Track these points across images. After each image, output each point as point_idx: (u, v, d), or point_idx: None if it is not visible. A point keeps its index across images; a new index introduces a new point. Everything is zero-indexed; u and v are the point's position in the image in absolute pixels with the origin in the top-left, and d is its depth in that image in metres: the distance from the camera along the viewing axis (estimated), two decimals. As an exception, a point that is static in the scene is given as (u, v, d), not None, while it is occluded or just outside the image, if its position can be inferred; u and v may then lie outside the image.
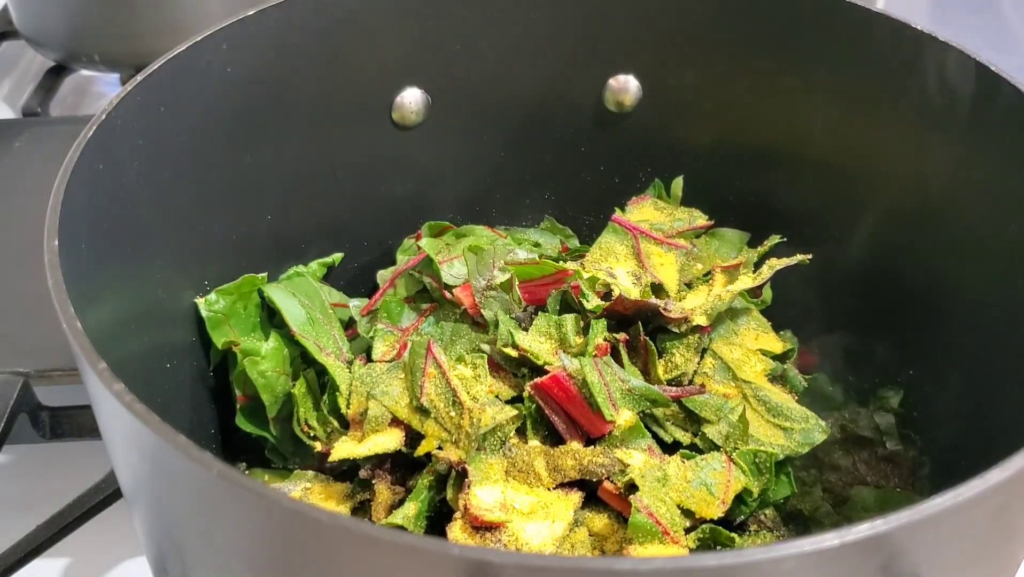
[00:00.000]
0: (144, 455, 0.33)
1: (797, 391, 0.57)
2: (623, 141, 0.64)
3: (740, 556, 0.26)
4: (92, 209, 0.43)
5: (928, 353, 0.55)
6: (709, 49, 0.59)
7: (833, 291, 0.59)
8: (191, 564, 0.37)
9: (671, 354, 0.54)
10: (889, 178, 0.56)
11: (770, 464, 0.50)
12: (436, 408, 0.49)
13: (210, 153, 0.53)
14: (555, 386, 0.49)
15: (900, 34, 0.52)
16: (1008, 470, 0.29)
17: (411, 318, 0.57)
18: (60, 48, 0.94)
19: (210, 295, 0.54)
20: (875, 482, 0.55)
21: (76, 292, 0.36)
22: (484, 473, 0.47)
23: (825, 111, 0.57)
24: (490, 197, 0.65)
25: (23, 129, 0.83)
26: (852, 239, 0.58)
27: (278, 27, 0.54)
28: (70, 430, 0.61)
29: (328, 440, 0.52)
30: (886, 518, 0.27)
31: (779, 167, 0.60)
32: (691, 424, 0.52)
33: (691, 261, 0.60)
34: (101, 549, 0.60)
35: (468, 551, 0.27)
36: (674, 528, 0.45)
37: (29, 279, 0.64)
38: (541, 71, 0.61)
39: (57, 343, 0.39)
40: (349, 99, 0.58)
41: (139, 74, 0.47)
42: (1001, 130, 0.49)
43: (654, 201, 0.63)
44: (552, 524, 0.45)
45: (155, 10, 0.89)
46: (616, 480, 0.47)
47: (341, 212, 0.61)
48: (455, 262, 0.58)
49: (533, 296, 0.55)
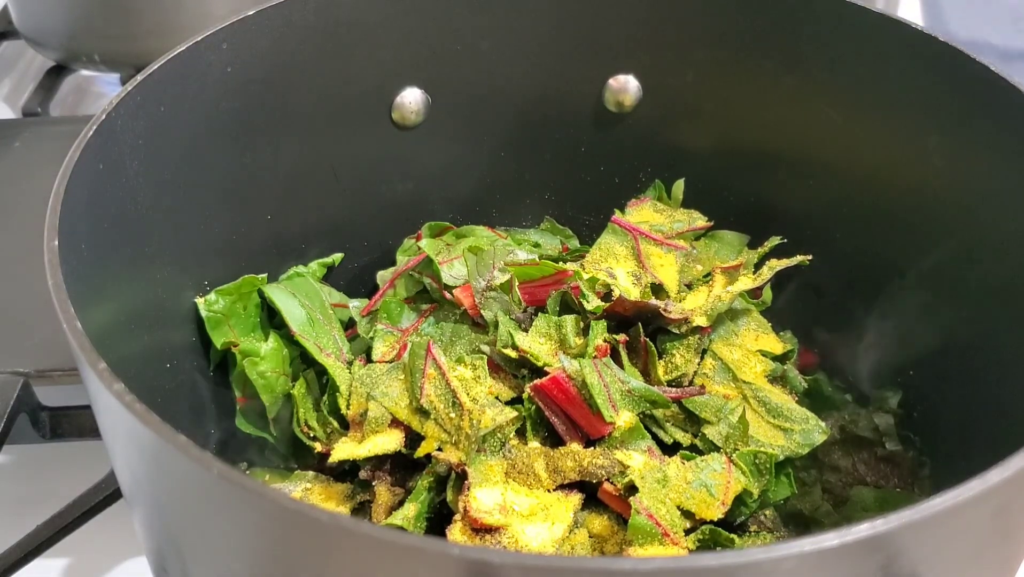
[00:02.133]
0: (144, 455, 0.33)
1: (797, 392, 0.57)
2: (623, 141, 0.64)
3: (741, 556, 0.26)
4: (92, 209, 0.43)
5: (928, 353, 0.55)
6: (709, 49, 0.59)
7: (833, 292, 0.59)
8: (191, 564, 0.36)
9: (671, 355, 0.54)
10: (889, 178, 0.56)
11: (770, 465, 0.50)
12: (436, 409, 0.49)
13: (210, 153, 0.53)
14: (555, 387, 0.49)
15: (900, 34, 0.52)
16: (1008, 470, 0.29)
17: (411, 319, 0.57)
18: (60, 48, 0.94)
19: (210, 295, 0.54)
20: (875, 482, 0.55)
21: (76, 292, 0.36)
22: (484, 475, 0.47)
23: (825, 111, 0.57)
24: (490, 197, 0.65)
25: (23, 129, 0.83)
26: (852, 240, 0.58)
27: (278, 27, 0.54)
28: (70, 430, 0.61)
29: (328, 441, 0.52)
30: (886, 518, 0.27)
31: (779, 167, 0.60)
32: (691, 425, 0.52)
33: (691, 263, 0.60)
34: (101, 549, 0.60)
35: (468, 551, 0.27)
36: (674, 529, 0.45)
37: (29, 279, 0.64)
38: (541, 71, 0.61)
39: (57, 343, 0.39)
40: (349, 99, 0.58)
41: (139, 74, 0.47)
42: (1001, 130, 0.49)
43: (653, 203, 0.63)
44: (552, 526, 0.45)
45: (155, 10, 0.89)
46: (616, 481, 0.47)
47: (341, 212, 0.61)
48: (455, 263, 0.58)
49: (533, 297, 0.55)
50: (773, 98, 0.59)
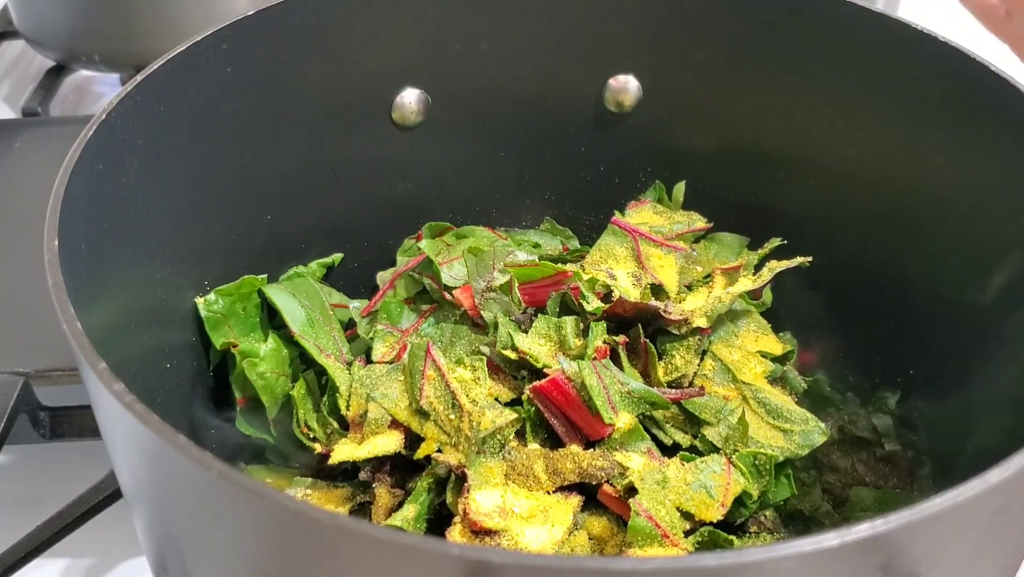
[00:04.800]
0: (144, 455, 0.33)
1: (797, 393, 0.57)
2: (623, 141, 0.64)
3: (741, 556, 0.26)
4: (92, 209, 0.43)
5: (927, 354, 0.55)
6: (709, 49, 0.59)
7: (833, 293, 0.59)
8: (191, 564, 0.36)
9: (671, 356, 0.54)
10: (889, 179, 0.56)
11: (770, 466, 0.50)
12: (435, 411, 0.49)
13: (210, 153, 0.53)
14: (554, 389, 0.49)
15: (900, 34, 0.52)
16: (1008, 470, 0.29)
17: (411, 319, 0.57)
18: (60, 48, 0.94)
19: (209, 295, 0.54)
20: (874, 483, 0.55)
21: (76, 292, 0.36)
22: (483, 477, 0.47)
23: (825, 111, 0.57)
24: (490, 197, 0.65)
25: (23, 129, 0.83)
26: (852, 241, 0.58)
27: (278, 27, 0.54)
28: (70, 430, 0.61)
29: (328, 442, 0.52)
30: (886, 518, 0.27)
31: (779, 167, 0.60)
32: (691, 426, 0.52)
33: (691, 264, 0.60)
34: (101, 549, 0.60)
35: (468, 551, 0.27)
36: (673, 531, 0.45)
37: (29, 279, 0.64)
38: (541, 71, 0.61)
39: (57, 343, 0.39)
40: (349, 99, 0.58)
41: (139, 74, 0.47)
42: (1002, 131, 0.49)
43: (653, 205, 0.63)
44: (551, 528, 0.45)
45: (155, 10, 0.89)
46: (615, 483, 0.47)
47: (341, 212, 0.61)
48: (455, 263, 0.58)
49: (533, 298, 0.55)
50: (773, 98, 0.59)
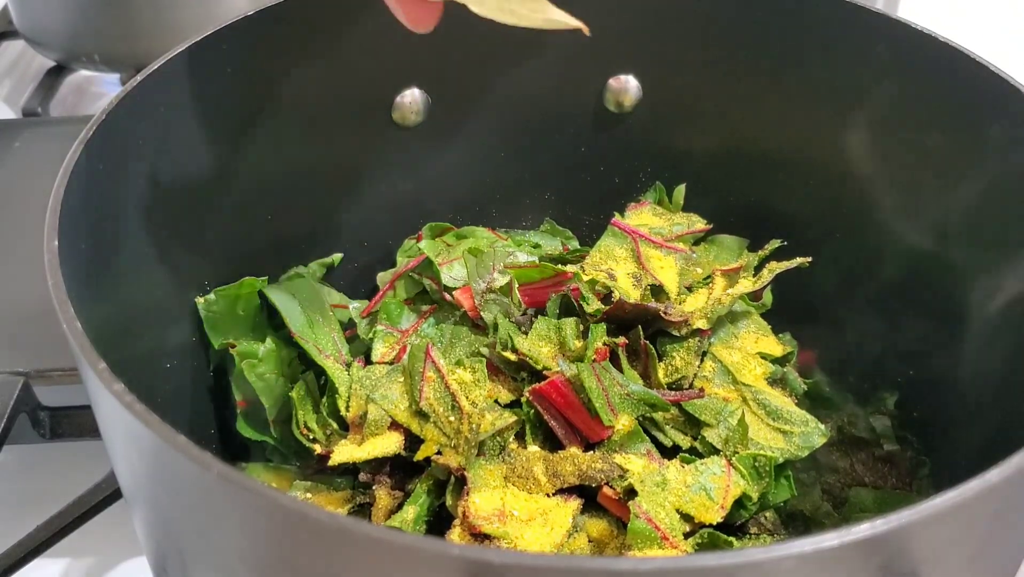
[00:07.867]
0: (144, 455, 0.33)
1: (797, 394, 0.57)
2: (623, 141, 0.63)
3: (740, 556, 0.26)
4: (92, 209, 0.43)
5: (927, 354, 0.55)
6: (709, 49, 0.59)
7: (833, 294, 0.59)
8: (191, 564, 0.36)
9: (671, 357, 0.54)
10: (890, 180, 0.56)
11: (770, 468, 0.49)
12: (435, 412, 0.49)
13: (210, 153, 0.53)
14: (553, 392, 0.49)
15: (900, 34, 0.52)
16: (1008, 470, 0.29)
17: (411, 320, 0.57)
18: (60, 48, 0.94)
19: (209, 295, 0.54)
20: (873, 483, 0.55)
21: (76, 292, 0.36)
22: (483, 479, 0.47)
23: (825, 112, 0.57)
24: (490, 197, 0.65)
25: (23, 129, 0.83)
26: (852, 241, 0.58)
27: (278, 27, 0.54)
28: (70, 430, 0.61)
29: (328, 443, 0.52)
30: (886, 518, 0.27)
31: (779, 168, 0.60)
32: (690, 428, 0.52)
33: (691, 266, 0.60)
34: (101, 549, 0.60)
35: (468, 551, 0.27)
36: (673, 533, 0.45)
37: (29, 279, 0.64)
38: (541, 71, 0.61)
39: (57, 343, 0.39)
40: (349, 99, 0.58)
41: (139, 74, 0.47)
42: (1003, 132, 0.49)
43: (653, 207, 0.63)
44: (551, 530, 0.45)
45: (155, 10, 0.89)
46: (615, 485, 0.47)
47: (341, 212, 0.61)
48: (455, 264, 0.58)
49: (533, 299, 0.55)
50: (773, 98, 0.59)
